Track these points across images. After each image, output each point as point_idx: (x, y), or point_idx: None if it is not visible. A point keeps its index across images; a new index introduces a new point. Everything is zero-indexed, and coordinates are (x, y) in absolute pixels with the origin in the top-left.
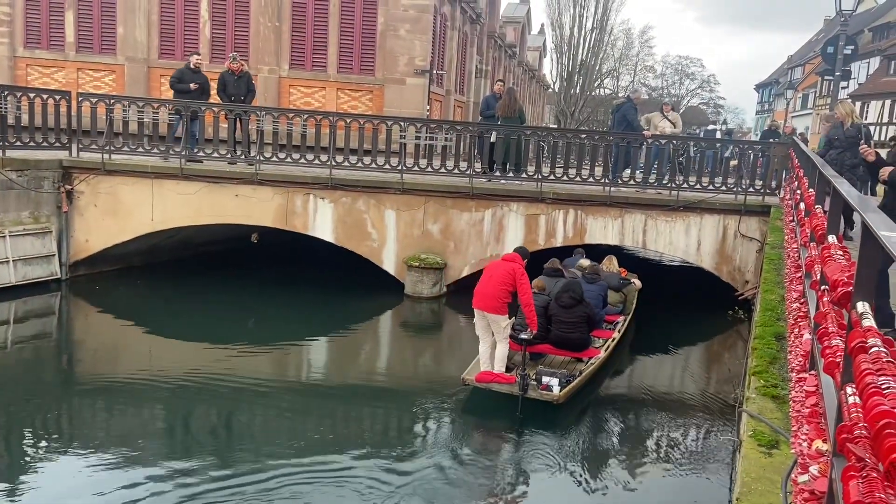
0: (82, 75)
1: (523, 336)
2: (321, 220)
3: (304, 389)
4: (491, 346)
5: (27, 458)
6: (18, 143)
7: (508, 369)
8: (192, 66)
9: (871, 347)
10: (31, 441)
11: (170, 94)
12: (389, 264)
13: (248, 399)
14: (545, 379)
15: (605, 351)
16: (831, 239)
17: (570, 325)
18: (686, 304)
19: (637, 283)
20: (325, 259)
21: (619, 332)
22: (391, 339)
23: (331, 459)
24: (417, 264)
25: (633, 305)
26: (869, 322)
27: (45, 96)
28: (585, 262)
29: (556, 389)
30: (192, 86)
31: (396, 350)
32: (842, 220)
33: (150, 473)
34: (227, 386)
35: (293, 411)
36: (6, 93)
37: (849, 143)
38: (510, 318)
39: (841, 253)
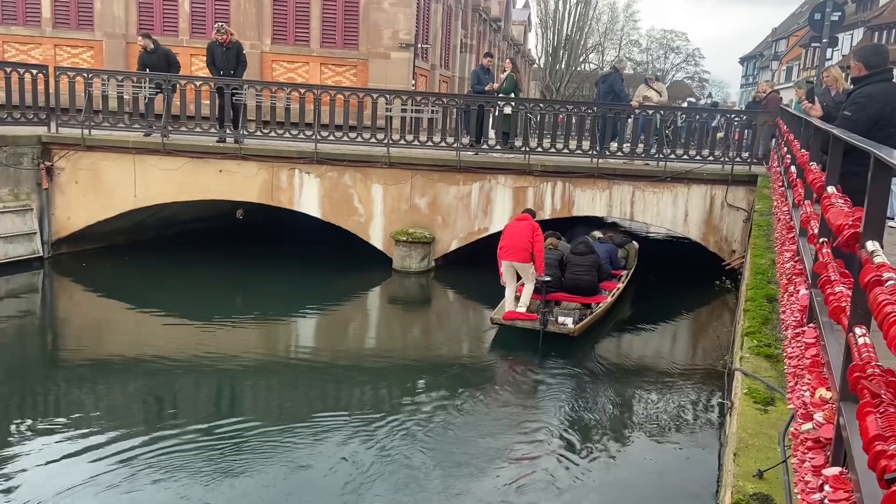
0: (60, 52)
1: (543, 278)
2: (307, 195)
3: (294, 364)
4: (515, 291)
5: (12, 438)
6: None
7: (530, 311)
8: (147, 48)
9: (888, 280)
10: (16, 420)
11: None
12: (377, 239)
13: (236, 375)
14: (561, 318)
15: (612, 297)
16: (830, 189)
17: (583, 269)
18: (673, 276)
19: (634, 244)
20: (311, 235)
21: (622, 282)
22: (380, 314)
23: (323, 426)
24: (405, 239)
25: (635, 261)
26: (881, 258)
27: (21, 70)
28: (597, 233)
29: (570, 324)
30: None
31: (386, 324)
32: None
33: (138, 450)
34: (216, 362)
35: (284, 386)
36: None
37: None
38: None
39: (842, 201)
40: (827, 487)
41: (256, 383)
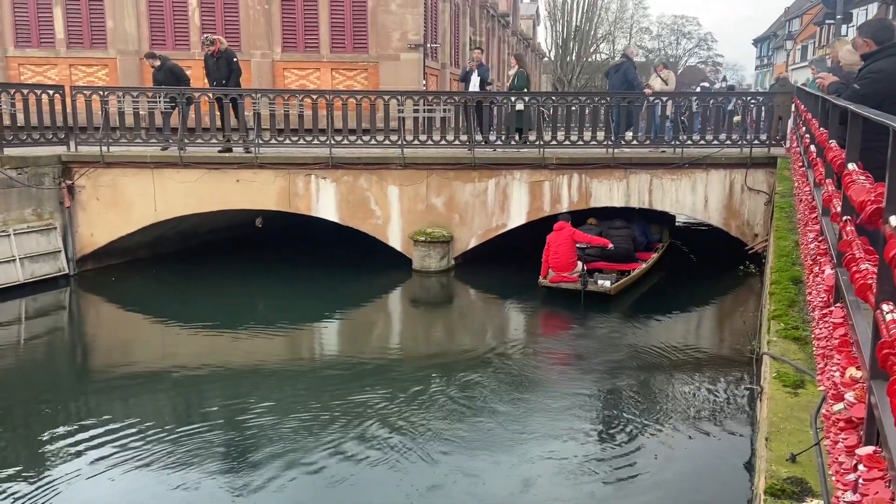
0: (75, 71)
1: (582, 245)
2: (324, 200)
3: (322, 369)
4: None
5: (47, 451)
6: (16, 141)
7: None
8: (153, 66)
9: None
10: (50, 434)
11: None
12: (395, 240)
13: (265, 382)
14: (600, 281)
15: (647, 265)
16: (851, 166)
17: (620, 239)
18: (696, 262)
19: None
20: (330, 240)
21: (657, 253)
22: (405, 315)
23: (359, 430)
24: (424, 239)
25: (669, 238)
26: None
27: (38, 91)
28: (592, 220)
29: (608, 284)
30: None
31: (411, 324)
32: None
33: (169, 459)
34: (243, 370)
35: (316, 390)
36: None
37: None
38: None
39: (863, 178)
40: (861, 467)
41: (287, 389)
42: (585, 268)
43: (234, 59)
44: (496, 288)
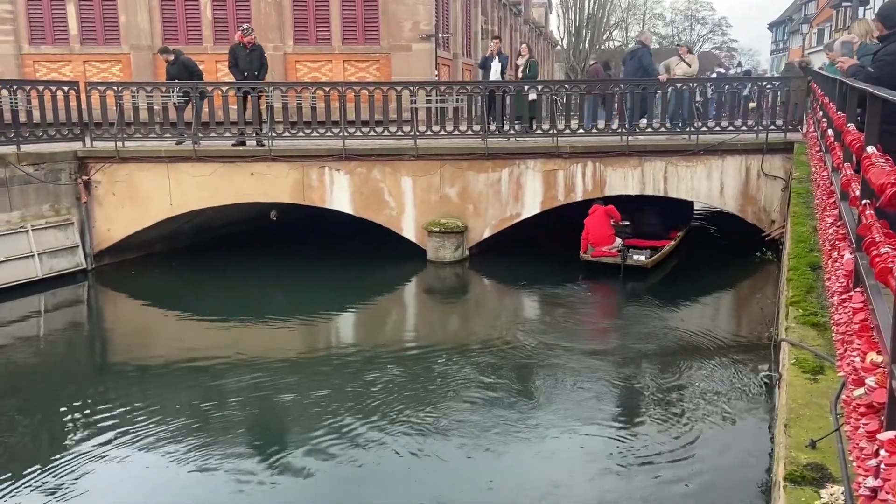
0: (89, 67)
1: (623, 222)
2: (338, 192)
3: (340, 360)
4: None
5: (69, 443)
6: (32, 138)
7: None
8: (167, 61)
9: None
10: (72, 426)
11: None
12: (409, 231)
13: (283, 373)
14: (636, 256)
15: (675, 241)
16: (870, 149)
17: (651, 216)
18: (711, 250)
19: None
20: (344, 232)
21: (682, 232)
22: (421, 305)
23: (379, 419)
24: (438, 229)
25: (691, 219)
26: None
27: (53, 88)
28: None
29: (643, 258)
30: (173, 83)
31: (428, 314)
32: None
33: (191, 450)
34: (261, 362)
35: (332, 381)
36: (14, 87)
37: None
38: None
39: (883, 160)
40: (883, 452)
41: (305, 380)
42: (624, 244)
43: (265, 55)
44: (511, 277)
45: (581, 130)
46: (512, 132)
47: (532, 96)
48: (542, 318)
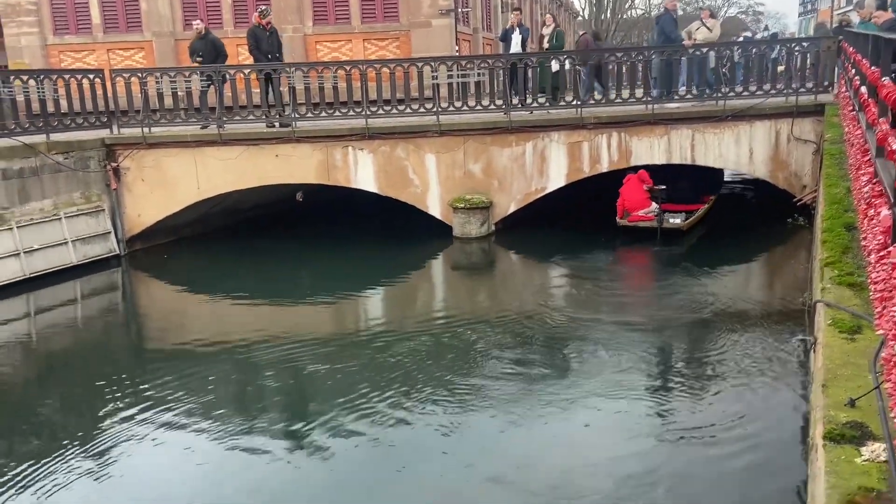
0: (113, 56)
1: (658, 187)
2: (362, 172)
3: (372, 336)
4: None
5: (108, 425)
6: (61, 126)
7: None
8: (198, 33)
9: None
10: (111, 408)
11: None
12: (435, 208)
13: (316, 351)
14: (672, 219)
15: (709, 205)
16: None
17: (685, 180)
18: (743, 216)
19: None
20: (370, 211)
21: (714, 196)
22: (447, 281)
23: (413, 393)
24: (463, 205)
25: (721, 187)
26: None
27: (79, 77)
28: None
29: (679, 221)
30: (198, 59)
31: (455, 290)
32: None
33: (228, 429)
34: (294, 340)
35: (365, 358)
36: (42, 77)
37: None
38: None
39: None
40: None
41: (338, 357)
42: (660, 208)
43: (280, 35)
44: (539, 250)
45: (605, 101)
46: (535, 105)
47: (555, 67)
48: (572, 289)
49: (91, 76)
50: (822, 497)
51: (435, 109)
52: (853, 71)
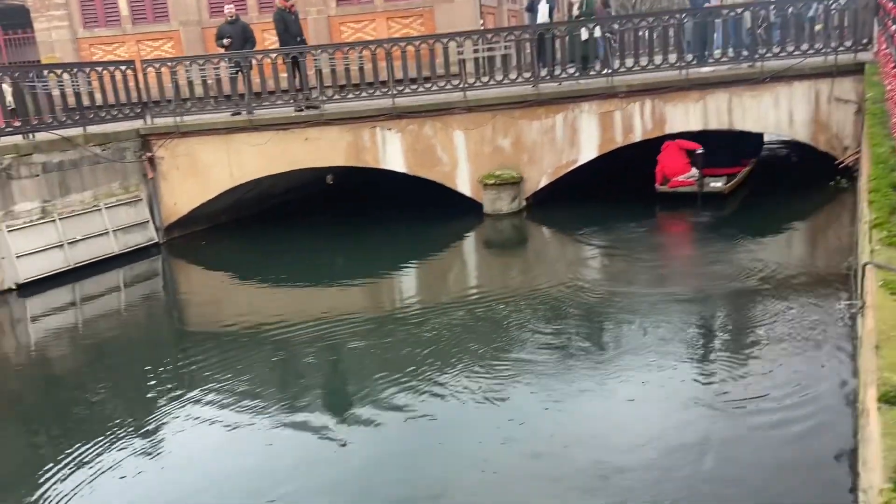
0: (142, 47)
1: (698, 152)
2: (391, 152)
3: (407, 315)
4: None
5: (156, 407)
6: (97, 119)
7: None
8: (228, 18)
9: None
10: (157, 391)
11: None
12: (464, 186)
13: (354, 331)
14: (713, 183)
15: (750, 167)
16: None
17: (725, 142)
18: (784, 180)
19: None
20: (400, 191)
21: (755, 159)
22: (480, 258)
23: (452, 369)
24: (493, 182)
25: (760, 151)
26: None
27: (112, 69)
28: None
29: (720, 185)
30: (226, 41)
31: (488, 266)
32: None
33: (271, 409)
34: (332, 321)
35: (403, 336)
36: (75, 70)
37: None
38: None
39: None
40: None
41: (376, 336)
42: (701, 172)
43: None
44: (573, 223)
45: (637, 67)
46: (564, 76)
47: (584, 35)
48: (610, 261)
49: (123, 68)
50: (878, 460)
51: (462, 85)
52: (894, 27)
